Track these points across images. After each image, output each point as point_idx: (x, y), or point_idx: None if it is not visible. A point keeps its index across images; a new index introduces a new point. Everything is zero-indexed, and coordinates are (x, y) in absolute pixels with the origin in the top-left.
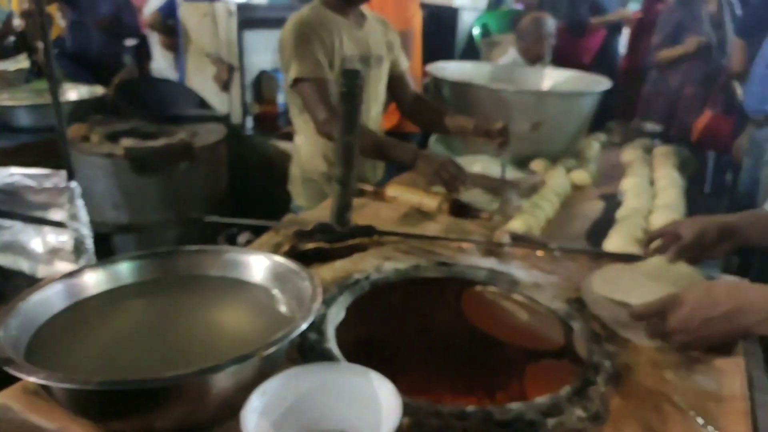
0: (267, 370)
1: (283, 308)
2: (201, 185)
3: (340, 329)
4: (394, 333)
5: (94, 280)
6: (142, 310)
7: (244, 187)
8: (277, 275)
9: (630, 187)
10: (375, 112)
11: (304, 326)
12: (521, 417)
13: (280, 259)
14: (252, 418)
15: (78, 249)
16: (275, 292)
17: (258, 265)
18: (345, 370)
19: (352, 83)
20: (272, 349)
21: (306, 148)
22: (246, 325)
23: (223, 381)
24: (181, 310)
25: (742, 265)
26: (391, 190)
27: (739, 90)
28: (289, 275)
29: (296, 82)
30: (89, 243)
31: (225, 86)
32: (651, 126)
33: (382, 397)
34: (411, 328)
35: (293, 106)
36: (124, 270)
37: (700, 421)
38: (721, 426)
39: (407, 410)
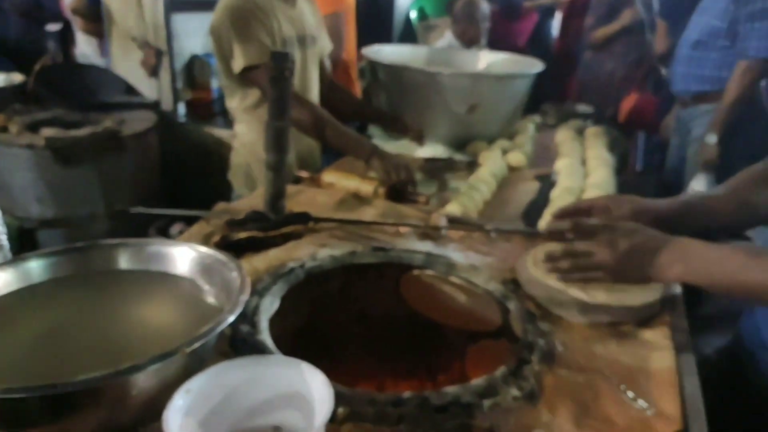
0: (193, 366)
1: (210, 301)
2: (131, 175)
3: (276, 320)
4: (333, 321)
5: (1, 281)
6: (56, 310)
7: (179, 177)
8: (204, 267)
9: (563, 167)
10: (314, 94)
11: (230, 319)
12: (458, 400)
13: (206, 249)
14: (176, 419)
15: None
16: (202, 284)
17: (183, 257)
18: (275, 363)
19: (282, 66)
20: (196, 345)
21: (249, 137)
22: (171, 321)
23: (144, 381)
24: (99, 307)
25: None
26: (328, 176)
27: (663, 71)
28: (217, 266)
29: (246, 70)
30: (3, 239)
31: (153, 72)
32: (583, 108)
33: (314, 388)
34: (350, 315)
35: (233, 94)
36: (35, 268)
37: (630, 394)
38: (651, 398)
39: (343, 400)
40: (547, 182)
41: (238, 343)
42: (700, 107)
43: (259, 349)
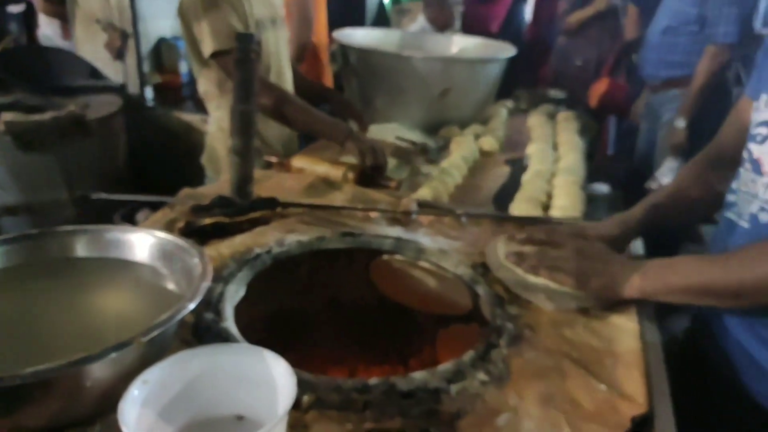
0: (152, 355)
1: (171, 288)
2: (96, 161)
3: (243, 306)
4: (303, 307)
5: None
6: (9, 300)
7: (147, 163)
8: (165, 253)
9: (534, 151)
10: (288, 77)
11: (190, 307)
12: (425, 385)
13: (166, 236)
14: (132, 411)
15: None
16: (162, 271)
17: (142, 243)
18: (237, 351)
19: (247, 48)
20: (153, 334)
21: (225, 122)
22: (130, 309)
23: (99, 372)
24: (54, 296)
25: None
26: (297, 161)
27: (634, 56)
28: (178, 253)
29: (216, 55)
30: None
31: (118, 54)
32: (555, 92)
33: (277, 376)
34: (320, 301)
35: (205, 78)
36: None
37: (595, 376)
38: (616, 380)
39: (308, 387)
40: (518, 166)
41: (202, 332)
42: (669, 92)
43: (223, 337)
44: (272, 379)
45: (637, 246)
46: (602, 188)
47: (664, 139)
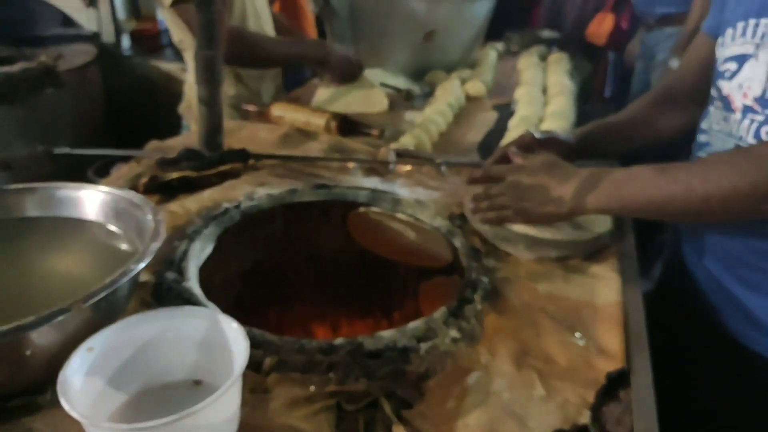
0: (102, 319)
1: (124, 247)
2: (72, 114)
3: (216, 262)
4: (281, 261)
5: None
6: None
7: (126, 114)
8: (118, 211)
9: (522, 96)
10: (267, 18)
11: (139, 268)
12: (393, 345)
13: (119, 192)
14: (74, 380)
15: None
16: (115, 230)
17: (92, 200)
18: (189, 314)
19: None
20: (95, 300)
21: None
22: (80, 271)
23: (40, 339)
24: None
25: None
26: (277, 109)
27: None
28: (131, 210)
29: (176, 3)
30: None
31: (90, 1)
32: (548, 33)
33: (231, 339)
34: (298, 255)
35: (176, 26)
36: None
37: (572, 330)
38: (594, 335)
39: (270, 348)
40: (506, 112)
41: (162, 293)
42: (664, 30)
43: (185, 298)
44: (227, 343)
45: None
46: None
47: (658, 80)
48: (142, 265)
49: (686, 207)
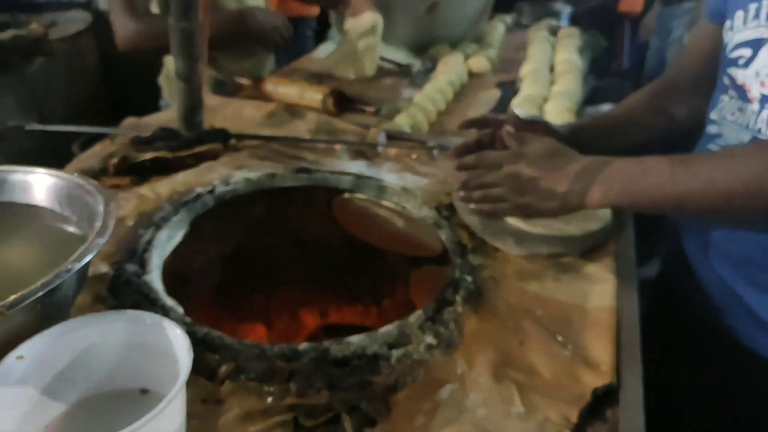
0: (43, 321)
1: (77, 235)
2: (64, 84)
3: (194, 248)
4: (264, 247)
5: None
6: None
7: (121, 85)
8: (71, 198)
9: (528, 73)
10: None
11: (76, 267)
12: (362, 351)
13: (72, 177)
14: (3, 391)
15: None
16: (67, 216)
17: (43, 185)
18: (131, 320)
19: None
20: (23, 304)
21: None
22: (28, 261)
23: None
24: None
25: None
26: (271, 83)
27: None
28: (84, 197)
29: None
30: None
31: None
32: (561, 5)
33: (176, 346)
34: (281, 241)
35: None
36: None
37: (559, 338)
38: (582, 344)
39: (228, 354)
40: (510, 90)
41: (120, 287)
42: (683, 5)
43: (143, 293)
44: (172, 349)
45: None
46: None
47: (673, 57)
48: (79, 265)
49: (705, 204)
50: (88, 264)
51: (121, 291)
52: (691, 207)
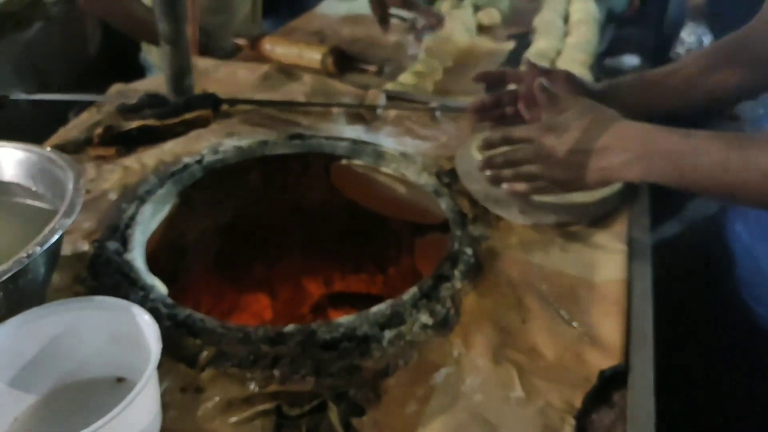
0: (13, 307)
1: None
2: (63, 49)
3: (189, 219)
4: (263, 215)
5: None
6: None
7: (123, 49)
8: (43, 172)
9: (541, 24)
10: None
11: (39, 252)
12: (352, 333)
13: (42, 151)
14: None
15: None
16: (38, 192)
17: (12, 159)
18: (100, 306)
19: None
20: None
21: None
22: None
23: None
24: None
25: None
26: (269, 42)
27: None
28: (56, 172)
29: None
30: None
31: None
32: None
33: (146, 333)
34: (280, 210)
35: None
36: None
37: (565, 315)
38: (590, 320)
39: (210, 338)
40: (522, 43)
41: (100, 266)
42: None
43: (124, 273)
44: (143, 337)
45: None
46: (632, 60)
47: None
48: (41, 249)
49: (760, 196)
50: (57, 245)
51: (101, 271)
52: (741, 197)
